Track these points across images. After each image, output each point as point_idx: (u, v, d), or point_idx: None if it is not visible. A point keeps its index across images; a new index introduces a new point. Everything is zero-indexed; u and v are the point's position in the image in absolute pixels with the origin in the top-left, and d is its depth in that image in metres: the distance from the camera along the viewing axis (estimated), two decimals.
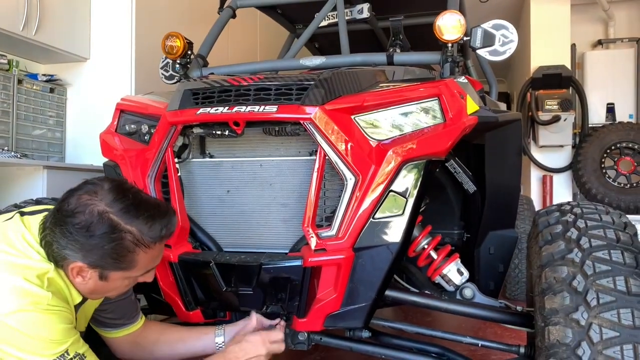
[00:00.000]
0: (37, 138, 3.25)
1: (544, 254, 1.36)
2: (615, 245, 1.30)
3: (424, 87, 1.62)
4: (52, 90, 3.36)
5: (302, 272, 1.51)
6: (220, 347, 1.62)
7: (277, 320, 1.62)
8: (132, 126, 1.87)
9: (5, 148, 2.95)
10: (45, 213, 1.28)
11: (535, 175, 5.52)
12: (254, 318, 1.64)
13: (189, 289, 1.63)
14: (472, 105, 1.66)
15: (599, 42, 6.06)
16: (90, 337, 1.54)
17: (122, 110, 1.90)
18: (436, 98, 1.59)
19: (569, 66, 5.40)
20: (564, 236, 1.36)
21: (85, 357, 1.21)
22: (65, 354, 1.16)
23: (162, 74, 2.53)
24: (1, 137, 2.98)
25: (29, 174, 2.79)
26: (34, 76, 3.27)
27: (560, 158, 5.43)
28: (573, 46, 5.73)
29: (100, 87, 3.41)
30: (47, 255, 1.21)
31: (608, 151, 5.08)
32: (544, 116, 5.14)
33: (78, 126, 3.44)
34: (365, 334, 1.75)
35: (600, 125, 5.32)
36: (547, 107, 5.10)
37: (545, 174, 5.42)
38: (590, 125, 5.43)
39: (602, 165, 5.06)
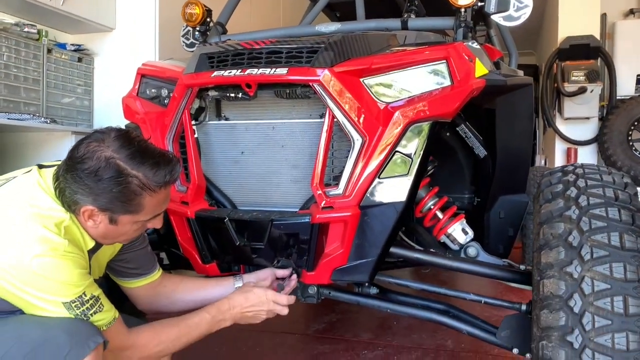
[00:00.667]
0: (66, 106, 3.38)
1: (543, 211, 1.40)
2: (613, 203, 1.33)
3: (432, 49, 1.65)
4: (80, 60, 3.48)
5: (310, 228, 1.58)
6: None
7: (289, 270, 1.70)
8: (153, 90, 1.95)
9: (37, 114, 3.08)
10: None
11: (559, 147, 5.46)
12: (268, 270, 1.72)
13: (205, 244, 1.72)
14: (480, 69, 1.68)
15: (631, 12, 5.88)
16: (113, 292, 1.63)
17: (142, 75, 1.98)
18: (444, 61, 1.62)
19: (598, 36, 5.28)
20: (563, 195, 1.39)
21: (99, 299, 1.30)
22: (83, 295, 1.25)
23: (183, 42, 2.60)
24: (32, 104, 3.12)
25: (58, 139, 2.92)
26: (62, 46, 3.38)
27: (586, 130, 5.35)
28: (603, 16, 5.58)
29: (125, 57, 3.51)
30: (62, 203, 1.30)
31: (636, 123, 4.98)
32: (569, 87, 5.06)
33: (105, 95, 3.56)
34: (373, 290, 1.83)
35: (628, 97, 5.21)
36: (573, 78, 5.01)
37: (569, 147, 5.35)
38: (618, 97, 5.31)
39: (629, 138, 4.97)
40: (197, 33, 2.40)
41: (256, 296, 1.57)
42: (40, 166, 1.39)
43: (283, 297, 1.62)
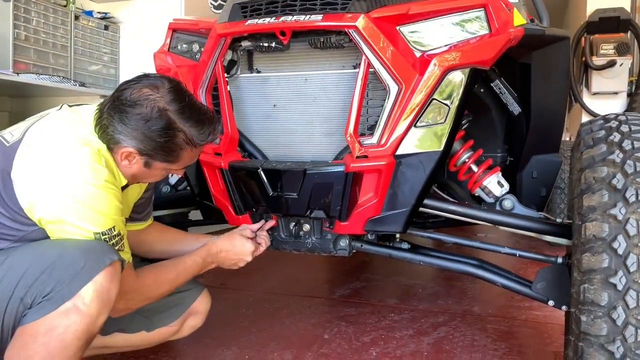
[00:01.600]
0: (93, 73, 3.40)
1: (585, 157, 1.37)
2: None
3: None
4: (106, 28, 3.49)
5: (344, 178, 1.57)
6: None
7: (261, 222, 1.78)
8: (184, 45, 1.95)
9: (66, 78, 3.11)
10: (92, 105, 1.40)
11: None
12: (242, 228, 1.78)
13: (239, 195, 1.73)
14: (519, 18, 1.65)
15: None
16: None
17: (174, 30, 1.98)
18: (482, 8, 1.58)
19: (628, 9, 5.15)
20: (606, 140, 1.36)
21: (123, 239, 1.32)
22: (113, 229, 1.27)
23: (211, 3, 2.59)
24: (61, 70, 3.14)
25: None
26: (89, 13, 3.40)
27: (614, 105, 5.22)
28: None
29: (151, 25, 3.51)
30: (100, 138, 1.32)
31: None
32: (598, 61, 4.94)
33: (131, 63, 3.57)
34: (405, 245, 1.82)
35: None
36: (602, 51, 4.89)
37: None
38: None
39: None
40: None
41: (241, 244, 1.67)
42: (69, 105, 1.41)
43: (260, 251, 1.72)
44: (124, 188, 1.44)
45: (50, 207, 1.22)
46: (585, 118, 5.34)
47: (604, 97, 5.23)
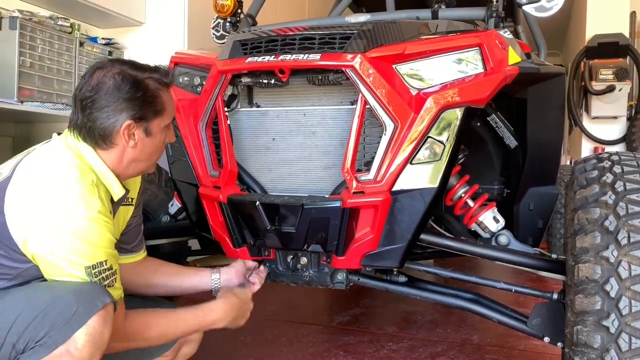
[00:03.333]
0: None
1: (578, 197, 1.39)
2: None
3: (465, 36, 1.65)
4: (110, 54, 3.53)
5: (341, 213, 1.59)
6: (216, 283, 1.73)
7: (256, 263, 1.78)
8: (185, 79, 1.98)
9: (69, 105, 3.14)
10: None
11: (586, 147, 5.38)
12: (240, 262, 1.78)
13: (237, 228, 1.74)
14: (513, 57, 1.68)
15: None
16: None
17: (175, 63, 2.01)
18: (477, 47, 1.62)
19: (627, 35, 5.20)
20: (599, 180, 1.38)
21: (115, 274, 1.32)
22: (104, 263, 1.27)
23: (214, 34, 2.63)
24: (65, 96, 3.18)
25: None
26: (93, 39, 3.45)
27: (614, 130, 5.26)
28: (633, 14, 5.49)
29: (154, 51, 3.56)
30: (95, 142, 1.35)
31: None
32: (597, 86, 4.99)
33: None
34: (402, 278, 1.83)
35: None
36: (602, 76, 4.94)
37: (596, 147, 5.27)
38: None
39: None
40: (227, 24, 2.43)
41: (239, 307, 1.63)
42: (58, 134, 1.44)
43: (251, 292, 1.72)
44: (115, 210, 1.45)
45: (42, 239, 1.23)
46: (585, 142, 5.38)
47: (603, 122, 5.27)
